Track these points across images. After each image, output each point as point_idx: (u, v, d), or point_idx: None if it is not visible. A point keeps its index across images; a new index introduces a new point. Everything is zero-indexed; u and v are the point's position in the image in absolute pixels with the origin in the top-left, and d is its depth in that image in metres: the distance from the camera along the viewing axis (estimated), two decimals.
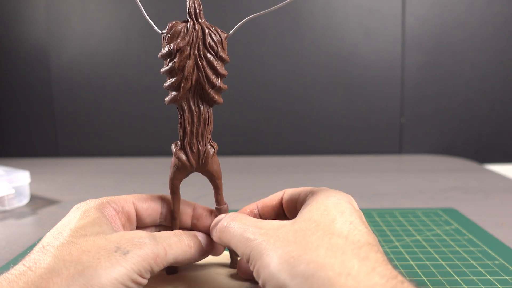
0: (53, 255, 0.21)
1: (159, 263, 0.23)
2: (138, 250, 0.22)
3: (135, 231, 0.24)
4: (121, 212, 0.27)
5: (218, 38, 0.26)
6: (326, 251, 0.20)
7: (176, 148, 0.28)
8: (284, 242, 0.22)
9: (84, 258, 0.21)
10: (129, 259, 0.21)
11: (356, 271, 0.19)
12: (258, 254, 0.22)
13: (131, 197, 0.29)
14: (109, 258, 0.21)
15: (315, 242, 0.21)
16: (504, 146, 0.92)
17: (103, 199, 0.27)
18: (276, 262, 0.20)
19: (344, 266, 0.19)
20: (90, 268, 0.20)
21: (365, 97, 0.90)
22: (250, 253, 0.22)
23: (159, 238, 0.24)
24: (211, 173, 0.29)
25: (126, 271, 0.21)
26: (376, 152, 0.92)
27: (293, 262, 0.20)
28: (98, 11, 0.89)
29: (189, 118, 0.27)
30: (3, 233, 0.46)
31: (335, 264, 0.19)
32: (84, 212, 0.25)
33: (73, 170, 0.81)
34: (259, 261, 0.21)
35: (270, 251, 0.21)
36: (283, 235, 0.22)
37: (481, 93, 0.90)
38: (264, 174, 0.75)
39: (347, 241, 0.21)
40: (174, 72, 0.26)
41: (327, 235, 0.21)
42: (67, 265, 0.20)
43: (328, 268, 0.19)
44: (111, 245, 0.22)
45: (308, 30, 0.88)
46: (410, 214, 0.49)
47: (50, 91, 0.93)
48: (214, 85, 0.26)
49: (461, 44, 0.88)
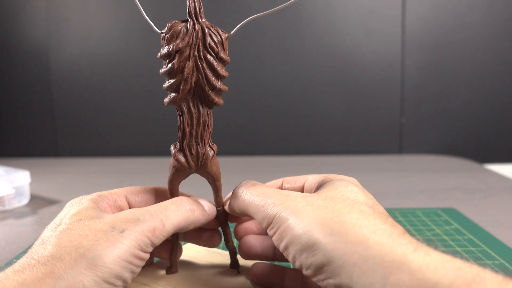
0: (54, 243, 0.21)
1: (158, 235, 0.23)
2: (134, 227, 0.22)
3: (128, 209, 0.24)
4: (113, 206, 0.27)
5: (219, 39, 0.25)
6: (358, 215, 0.21)
7: (175, 150, 0.27)
8: (314, 207, 0.22)
9: (83, 242, 0.21)
10: (127, 236, 0.22)
11: (389, 232, 0.20)
12: (284, 217, 0.22)
13: (123, 190, 0.29)
14: (107, 238, 0.21)
15: (346, 208, 0.22)
16: (504, 146, 0.92)
17: (94, 195, 0.27)
18: (307, 222, 0.21)
19: (377, 227, 0.20)
20: (90, 250, 0.21)
21: (365, 97, 0.90)
22: (275, 216, 0.22)
23: (154, 211, 0.24)
24: (211, 175, 0.28)
25: (127, 247, 0.21)
26: (376, 152, 0.92)
27: (326, 223, 0.21)
28: (98, 11, 0.89)
29: (188, 120, 0.26)
30: (3, 233, 0.46)
31: (368, 225, 0.20)
32: (79, 205, 0.25)
33: (73, 170, 0.81)
34: (285, 223, 0.22)
35: (299, 213, 0.22)
36: (312, 201, 0.23)
37: (481, 93, 0.90)
38: (264, 174, 0.74)
39: (374, 211, 0.22)
40: (173, 73, 0.25)
41: (355, 204, 0.22)
42: (68, 251, 0.21)
43: (362, 227, 0.20)
44: (106, 226, 0.22)
45: (308, 30, 0.88)
46: (410, 214, 0.50)
47: (50, 91, 0.93)
48: (214, 87, 0.26)
49: (461, 44, 0.88)
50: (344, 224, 0.20)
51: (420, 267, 0.18)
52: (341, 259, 0.19)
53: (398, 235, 0.20)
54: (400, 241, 0.19)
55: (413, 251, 0.19)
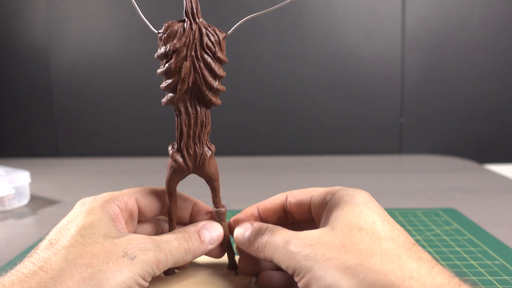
0: (64, 257, 0.22)
1: (161, 268, 0.24)
2: (144, 256, 0.23)
3: (139, 236, 0.24)
4: (124, 209, 0.28)
5: (216, 39, 0.25)
6: (382, 257, 0.20)
7: (173, 150, 0.27)
8: (334, 252, 0.22)
9: (94, 262, 0.21)
10: (136, 264, 0.22)
11: (417, 273, 0.19)
12: (306, 267, 0.22)
13: (133, 192, 0.29)
14: (117, 263, 0.22)
15: (367, 249, 0.21)
16: (504, 146, 0.92)
17: (106, 196, 0.27)
18: (332, 273, 0.20)
19: (404, 270, 0.20)
20: (100, 272, 0.21)
21: (365, 97, 0.90)
22: (296, 266, 0.22)
23: (162, 243, 0.25)
24: (209, 176, 0.28)
25: (132, 275, 0.22)
26: (376, 152, 0.92)
27: (351, 272, 0.20)
28: (98, 11, 0.89)
29: (186, 120, 0.26)
30: (3, 233, 0.47)
31: (395, 269, 0.20)
32: (90, 210, 0.25)
33: (73, 170, 0.81)
34: (310, 273, 0.21)
35: (322, 262, 0.21)
36: (330, 244, 0.22)
37: (481, 93, 0.89)
38: (264, 174, 0.74)
39: (396, 244, 0.22)
40: (171, 73, 0.25)
41: (375, 240, 0.22)
42: (78, 269, 0.21)
43: (390, 274, 0.19)
44: (118, 250, 0.23)
45: (308, 30, 0.88)
46: (410, 214, 0.49)
47: (50, 91, 0.93)
48: (212, 87, 0.26)
49: (461, 44, 0.88)
50: (371, 272, 0.20)
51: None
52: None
53: (427, 274, 0.19)
54: (431, 284, 0.19)
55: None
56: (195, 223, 0.29)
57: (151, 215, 0.30)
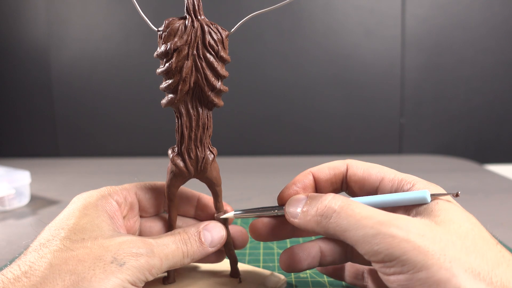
0: (49, 263, 0.21)
1: (154, 273, 0.23)
2: (134, 262, 0.22)
3: (132, 238, 0.23)
4: (123, 204, 0.27)
5: (219, 37, 0.24)
6: (507, 268, 0.19)
7: (173, 154, 0.26)
8: (457, 251, 0.19)
9: (79, 268, 0.21)
10: (124, 271, 0.21)
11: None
12: (417, 261, 0.19)
13: (134, 186, 0.28)
14: (105, 270, 0.21)
15: (491, 256, 0.19)
16: (504, 146, 0.92)
17: (105, 190, 0.27)
18: (463, 278, 0.18)
19: None
20: (85, 279, 0.20)
21: (365, 97, 0.90)
22: (399, 256, 0.19)
23: (156, 247, 0.23)
24: (210, 180, 0.27)
25: (120, 282, 0.21)
26: (376, 152, 0.92)
27: (483, 280, 0.18)
28: (98, 11, 0.89)
29: (187, 122, 0.25)
30: (3, 233, 0.46)
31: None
32: (85, 209, 0.25)
33: (73, 170, 0.81)
34: (424, 271, 0.19)
35: (446, 262, 0.19)
36: (448, 239, 0.20)
37: (481, 93, 0.90)
38: (264, 174, 0.74)
39: (509, 253, 0.20)
40: (171, 73, 0.24)
41: (493, 246, 0.20)
42: (62, 276, 0.20)
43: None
44: (107, 255, 0.21)
45: (308, 30, 0.88)
46: None
47: (50, 91, 0.93)
48: (214, 88, 0.24)
49: (461, 45, 0.88)
50: (505, 284, 0.19)
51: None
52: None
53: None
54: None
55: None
56: (197, 224, 0.27)
57: (152, 210, 0.29)
